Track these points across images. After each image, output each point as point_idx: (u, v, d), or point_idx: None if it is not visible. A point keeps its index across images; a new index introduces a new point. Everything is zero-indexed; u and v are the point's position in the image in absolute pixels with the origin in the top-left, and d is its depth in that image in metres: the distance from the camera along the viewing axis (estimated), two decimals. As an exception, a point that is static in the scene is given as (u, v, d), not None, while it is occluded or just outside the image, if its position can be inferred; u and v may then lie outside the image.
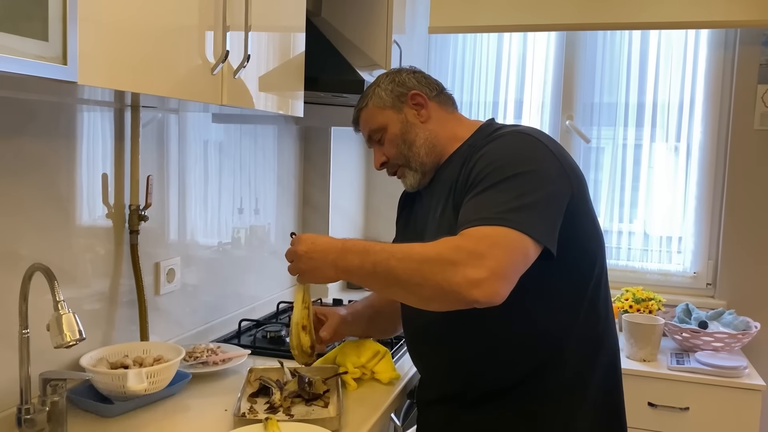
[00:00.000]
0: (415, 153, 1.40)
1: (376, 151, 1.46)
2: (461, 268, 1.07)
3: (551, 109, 2.88)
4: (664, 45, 2.73)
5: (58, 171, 1.40)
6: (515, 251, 1.11)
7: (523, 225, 1.12)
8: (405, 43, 2.25)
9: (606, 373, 1.36)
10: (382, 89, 1.43)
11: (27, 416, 1.18)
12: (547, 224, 1.16)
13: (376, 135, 1.44)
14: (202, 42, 1.25)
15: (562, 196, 1.21)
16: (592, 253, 1.31)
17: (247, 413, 1.34)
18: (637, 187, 2.82)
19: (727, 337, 2.35)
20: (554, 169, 1.22)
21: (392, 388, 1.55)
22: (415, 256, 1.14)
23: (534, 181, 1.18)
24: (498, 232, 1.11)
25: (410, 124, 1.41)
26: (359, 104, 1.47)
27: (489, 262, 1.08)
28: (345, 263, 1.22)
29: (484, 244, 1.10)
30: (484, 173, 1.21)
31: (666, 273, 2.78)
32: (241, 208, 2.12)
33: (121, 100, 1.46)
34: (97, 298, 1.53)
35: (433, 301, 1.14)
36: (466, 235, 1.13)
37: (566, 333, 1.29)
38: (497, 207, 1.14)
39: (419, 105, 1.41)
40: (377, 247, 1.20)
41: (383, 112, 1.42)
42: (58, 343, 1.10)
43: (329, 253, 1.25)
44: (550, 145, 1.26)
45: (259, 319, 2.08)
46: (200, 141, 1.88)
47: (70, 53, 0.88)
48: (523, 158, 1.21)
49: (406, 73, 1.45)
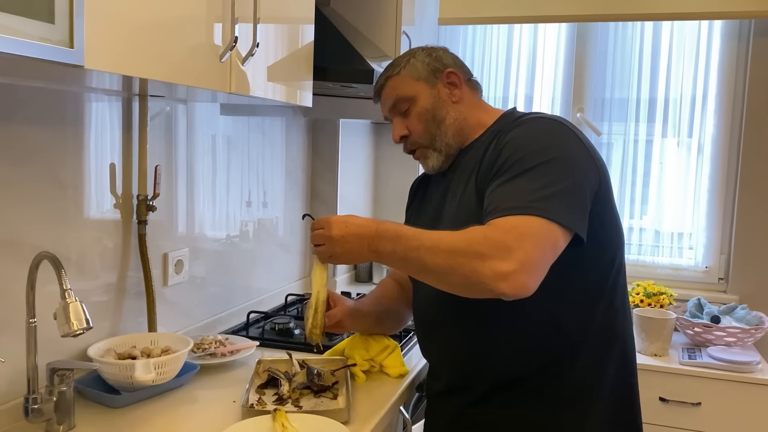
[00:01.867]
0: (443, 132, 1.36)
1: (397, 123, 1.40)
2: (489, 260, 1.07)
3: (561, 104, 2.85)
4: (676, 37, 2.70)
5: (66, 160, 1.40)
6: (544, 241, 1.10)
7: (552, 213, 1.11)
8: (414, 34, 2.23)
9: (622, 366, 1.33)
10: (418, 60, 1.39)
11: (34, 406, 1.18)
12: (577, 210, 1.15)
13: (403, 105, 1.38)
14: (210, 30, 1.23)
15: (591, 183, 1.20)
16: (613, 244, 1.29)
17: (255, 404, 1.33)
18: (648, 183, 2.79)
19: (740, 332, 2.32)
20: (582, 155, 1.22)
21: (401, 381, 1.53)
22: (443, 246, 1.13)
23: (563, 168, 1.17)
24: (526, 222, 1.10)
25: (442, 101, 1.37)
26: (388, 71, 1.41)
27: (517, 254, 1.07)
28: (378, 248, 1.22)
29: (512, 235, 1.09)
30: (512, 160, 1.19)
31: (677, 267, 2.75)
32: (249, 200, 2.11)
33: (129, 88, 1.45)
34: (105, 289, 1.52)
35: (463, 289, 1.15)
36: (494, 225, 1.12)
37: (584, 325, 1.26)
38: (526, 195, 1.13)
39: (453, 84, 1.38)
40: (409, 233, 1.19)
41: (416, 84, 1.38)
42: (65, 332, 1.09)
43: (364, 237, 1.23)
44: (578, 133, 1.25)
45: (268, 311, 2.07)
46: (208, 133, 1.87)
47: (76, 36, 0.87)
48: (551, 144, 1.20)
49: (442, 51, 1.42)
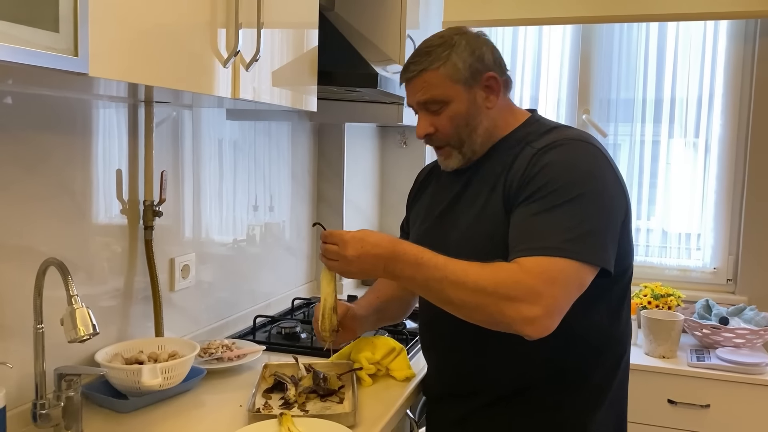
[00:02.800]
0: (474, 140, 1.31)
1: (423, 118, 1.33)
2: (517, 304, 1.08)
3: (567, 106, 2.84)
4: (682, 37, 2.69)
5: (73, 166, 1.41)
6: (572, 285, 1.11)
7: (584, 255, 1.11)
8: (419, 38, 2.22)
9: (623, 377, 1.35)
10: (460, 58, 1.27)
11: (42, 411, 1.18)
12: (606, 247, 1.15)
13: (435, 105, 1.30)
14: (214, 36, 1.24)
15: (620, 214, 1.21)
16: (628, 259, 1.30)
17: (261, 409, 1.33)
18: (655, 184, 2.78)
19: (749, 333, 2.30)
20: (615, 185, 1.21)
21: (408, 385, 1.53)
22: (470, 284, 1.12)
23: (597, 202, 1.16)
24: (557, 265, 1.10)
25: (477, 107, 1.30)
26: (425, 63, 1.28)
27: (545, 300, 1.08)
28: (395, 270, 1.20)
29: (541, 280, 1.09)
30: (547, 189, 1.16)
31: (685, 269, 2.74)
32: (255, 204, 2.12)
33: (135, 94, 1.45)
34: (112, 295, 1.53)
35: (484, 324, 1.16)
36: (525, 268, 1.11)
37: (600, 336, 1.27)
38: (559, 235, 1.12)
39: (491, 89, 1.31)
40: (431, 261, 1.17)
41: (453, 86, 1.28)
42: (71, 338, 1.10)
43: (380, 258, 1.20)
44: (608, 157, 1.24)
45: (274, 315, 2.08)
46: (215, 137, 1.88)
47: (81, 45, 0.88)
48: (587, 175, 1.18)
49: (485, 46, 1.32)
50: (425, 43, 1.32)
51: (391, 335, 1.78)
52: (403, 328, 1.95)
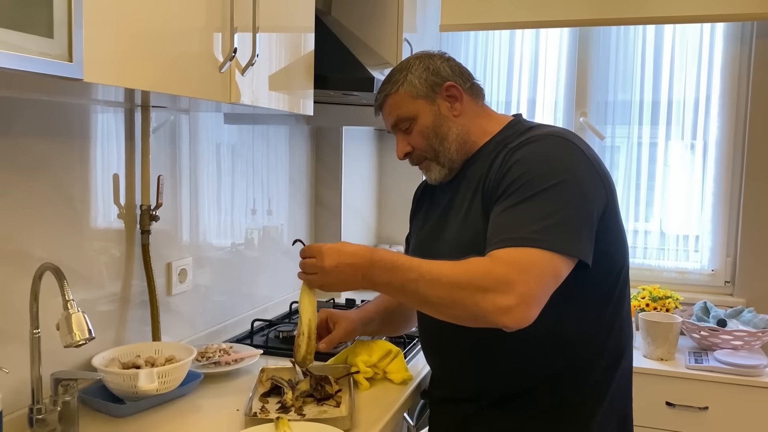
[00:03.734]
0: (446, 148, 1.35)
1: (400, 140, 1.40)
2: (491, 294, 1.08)
3: (564, 108, 2.85)
4: (678, 40, 2.69)
5: (71, 171, 1.41)
6: (545, 274, 1.11)
7: (555, 244, 1.11)
8: (416, 41, 2.23)
9: (623, 379, 1.34)
10: (415, 76, 1.35)
11: (38, 416, 1.19)
12: (581, 237, 1.14)
13: (404, 124, 1.37)
14: (210, 40, 1.24)
15: (597, 206, 1.19)
16: (620, 260, 1.29)
17: (258, 413, 1.33)
18: (652, 186, 2.78)
19: (747, 336, 2.30)
20: (590, 176, 1.20)
21: (405, 388, 1.53)
22: (444, 279, 1.13)
23: (569, 192, 1.16)
24: (528, 255, 1.10)
25: (443, 117, 1.35)
26: (387, 89, 1.38)
27: (519, 288, 1.08)
28: (373, 277, 1.21)
29: (513, 269, 1.09)
30: (519, 182, 1.18)
31: (683, 271, 2.74)
32: (253, 208, 2.12)
33: (131, 99, 1.46)
34: (109, 299, 1.53)
35: (464, 321, 1.16)
36: (496, 258, 1.12)
37: (594, 339, 1.27)
38: (529, 225, 1.12)
39: (453, 98, 1.35)
40: (406, 263, 1.18)
41: (415, 102, 1.35)
42: (67, 343, 1.10)
43: (358, 267, 1.22)
44: (585, 150, 1.24)
45: (272, 319, 2.08)
46: (212, 142, 1.88)
47: (75, 50, 0.88)
48: (559, 166, 1.18)
49: (440, 60, 1.38)
50: (389, 73, 1.41)
51: (387, 338, 1.78)
52: (401, 332, 1.95)
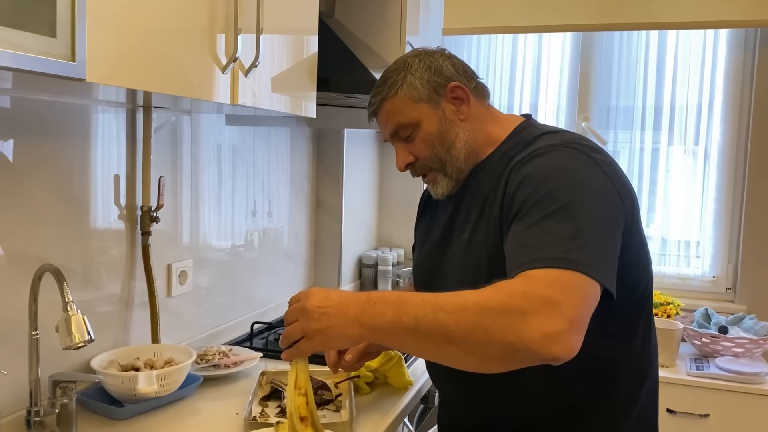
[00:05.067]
0: (454, 157, 1.21)
1: (400, 150, 1.25)
2: (534, 318, 0.88)
3: (567, 113, 2.84)
4: (682, 46, 2.69)
5: (71, 172, 1.40)
6: (588, 298, 0.94)
7: (590, 268, 0.95)
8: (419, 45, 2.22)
9: (650, 395, 1.25)
10: (416, 77, 1.20)
11: (36, 418, 1.18)
12: (608, 263, 1.00)
13: (405, 131, 1.22)
14: (213, 42, 1.23)
15: (618, 221, 1.06)
16: (644, 275, 1.18)
17: (258, 417, 1.32)
18: (654, 192, 2.78)
19: (748, 343, 2.30)
20: (606, 189, 1.07)
21: (405, 393, 1.52)
22: (471, 307, 0.91)
23: (587, 211, 1.01)
24: (568, 276, 0.93)
25: (449, 121, 1.21)
26: (382, 92, 1.23)
27: (566, 311, 0.89)
28: (373, 318, 0.96)
29: (556, 289, 0.91)
30: (533, 200, 1.03)
31: (684, 277, 2.73)
32: (254, 210, 2.11)
33: (133, 100, 1.45)
34: (109, 300, 1.52)
35: (497, 361, 0.93)
36: (532, 278, 0.94)
37: (621, 359, 1.17)
38: (558, 245, 0.97)
39: (459, 100, 1.21)
40: (416, 297, 0.96)
41: (417, 106, 1.21)
42: (66, 345, 1.09)
43: (350, 306, 0.98)
44: (600, 162, 1.10)
45: (272, 321, 2.07)
46: (213, 143, 1.87)
47: (78, 50, 0.87)
48: (575, 182, 1.04)
49: (441, 58, 1.23)
50: (383, 74, 1.25)
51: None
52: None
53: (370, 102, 1.27)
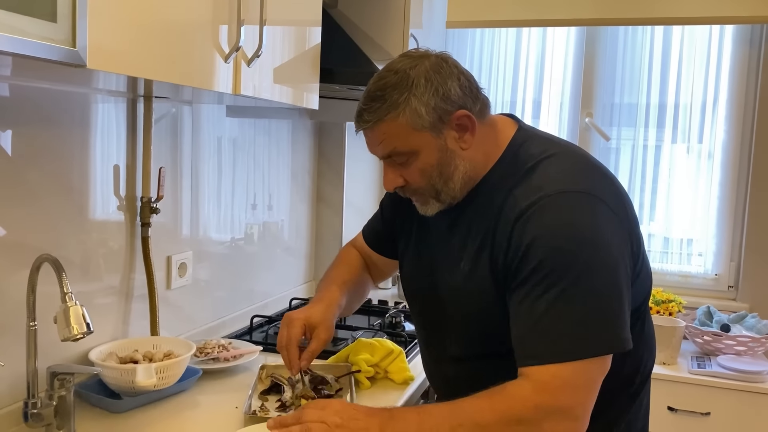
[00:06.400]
0: (451, 188, 1.13)
1: (390, 171, 1.14)
2: (548, 426, 0.99)
3: (570, 109, 2.82)
4: (687, 41, 2.67)
5: (71, 161, 1.38)
6: (594, 381, 1.02)
7: (599, 348, 1.01)
8: (422, 37, 2.21)
9: (645, 409, 1.25)
10: (422, 103, 1.07)
11: (34, 410, 1.16)
12: (624, 324, 1.03)
13: (401, 158, 1.11)
14: (216, 31, 1.22)
15: (627, 267, 1.07)
16: (643, 291, 1.17)
17: (258, 411, 1.31)
18: (656, 189, 2.76)
19: (750, 341, 2.29)
20: (618, 241, 1.05)
21: (406, 388, 1.51)
22: (489, 424, 0.99)
23: (602, 276, 1.02)
24: (576, 371, 1.00)
25: (450, 152, 1.11)
26: (380, 112, 1.08)
27: (576, 412, 1.00)
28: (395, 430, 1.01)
29: (565, 395, 0.99)
30: (543, 271, 1.02)
31: (686, 275, 2.72)
32: (254, 203, 2.10)
33: (134, 89, 1.43)
34: (107, 292, 1.51)
35: None
36: (539, 383, 1.00)
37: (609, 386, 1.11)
38: (567, 335, 1.00)
39: (464, 128, 1.10)
40: (434, 411, 1.04)
41: (418, 134, 1.08)
42: (65, 336, 1.07)
43: (374, 417, 1.03)
44: (609, 201, 1.06)
45: (272, 315, 2.05)
46: (214, 134, 1.86)
47: (79, 36, 0.85)
48: (582, 244, 1.02)
49: (450, 79, 1.09)
50: (377, 83, 1.10)
51: (389, 338, 1.76)
52: (402, 330, 1.93)
53: (361, 116, 1.11)
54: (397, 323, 2.00)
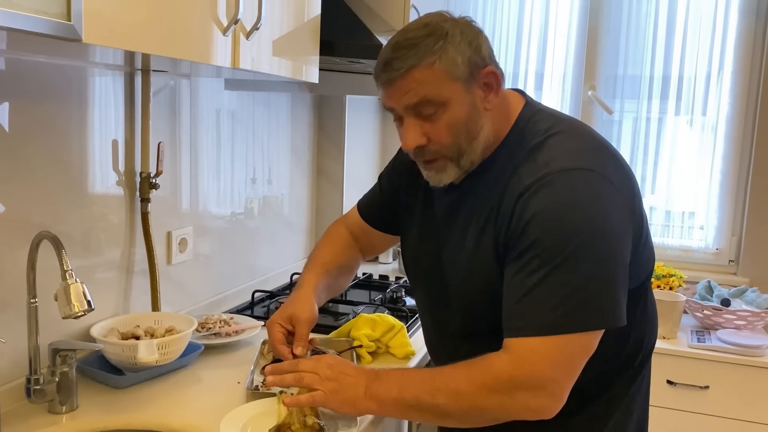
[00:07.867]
0: (474, 149, 1.10)
1: (413, 127, 1.08)
2: (520, 396, 1.00)
3: (573, 81, 2.79)
4: (692, 12, 2.62)
5: (69, 136, 1.36)
6: (576, 359, 1.01)
7: (585, 323, 1.00)
8: (423, 7, 2.17)
9: (646, 385, 1.24)
10: (458, 51, 1.04)
11: (36, 387, 1.17)
12: (616, 302, 1.02)
13: (429, 108, 1.06)
14: (214, 3, 1.19)
15: (628, 251, 1.05)
16: (644, 270, 1.15)
17: (260, 386, 1.31)
18: (658, 162, 2.74)
19: (750, 315, 2.29)
20: (621, 220, 1.04)
21: (407, 362, 1.52)
22: (464, 392, 1.02)
23: (599, 252, 1.00)
24: (555, 344, 0.99)
25: (477, 110, 1.08)
26: (413, 58, 1.04)
27: (550, 387, 1.00)
28: (377, 390, 1.07)
29: (541, 369, 0.99)
30: (537, 249, 1.01)
31: (687, 249, 2.71)
32: (254, 177, 2.08)
33: (132, 63, 1.41)
34: (108, 267, 1.50)
35: (492, 423, 1.08)
36: (517, 356, 1.00)
37: (622, 343, 1.14)
38: (553, 307, 0.99)
39: (489, 87, 1.08)
40: (417, 375, 1.09)
41: (452, 84, 1.05)
42: (66, 314, 1.07)
43: (362, 375, 1.10)
44: (614, 179, 1.05)
45: (273, 290, 2.05)
46: (213, 108, 1.84)
47: (74, 9, 0.83)
48: (582, 221, 1.00)
49: (480, 35, 1.09)
50: (406, 34, 1.06)
51: (390, 313, 1.76)
52: (403, 306, 1.94)
53: (388, 64, 1.06)
54: (398, 298, 2.00)
